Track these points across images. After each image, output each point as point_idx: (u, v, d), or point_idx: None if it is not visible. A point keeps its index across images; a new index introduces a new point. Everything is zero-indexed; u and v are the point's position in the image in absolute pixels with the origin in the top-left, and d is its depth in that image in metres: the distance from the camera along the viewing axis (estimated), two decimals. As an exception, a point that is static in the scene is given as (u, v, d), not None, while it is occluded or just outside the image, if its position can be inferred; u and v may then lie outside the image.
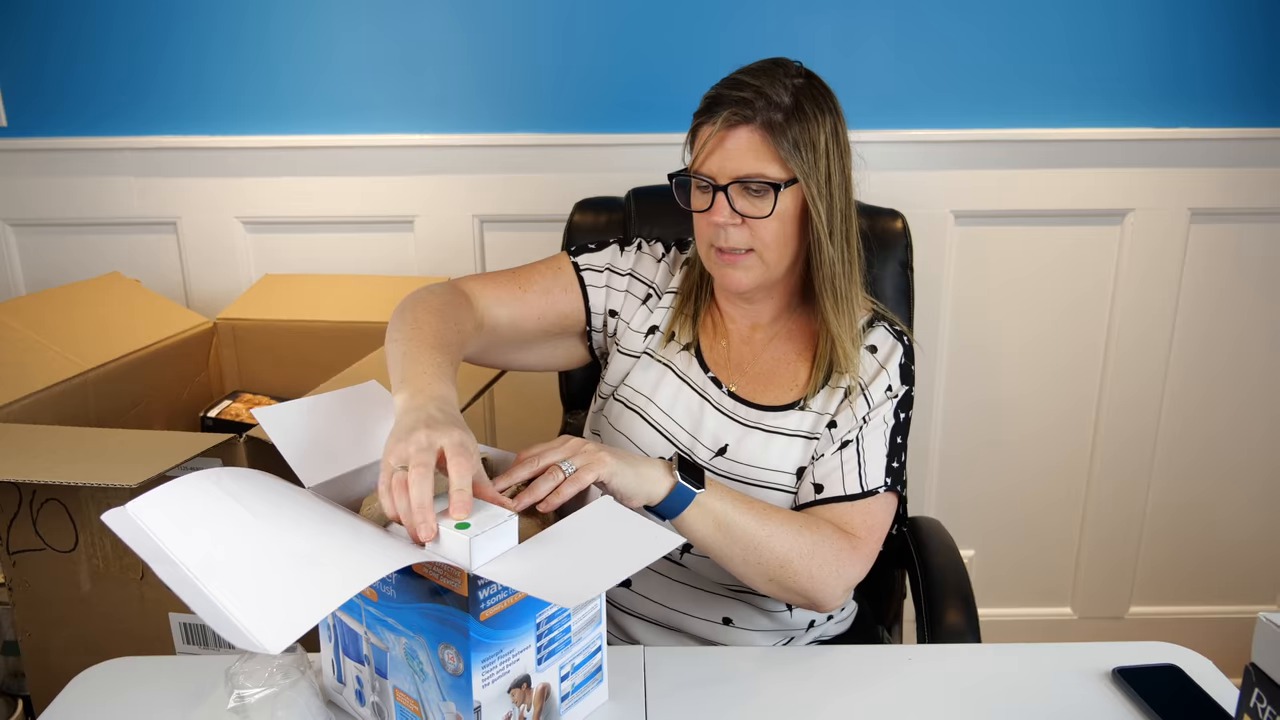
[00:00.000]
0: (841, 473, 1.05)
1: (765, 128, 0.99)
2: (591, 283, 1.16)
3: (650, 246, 1.19)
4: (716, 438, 1.10)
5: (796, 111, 0.99)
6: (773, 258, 1.04)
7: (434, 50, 1.69)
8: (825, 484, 1.05)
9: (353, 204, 1.77)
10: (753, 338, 1.14)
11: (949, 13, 1.64)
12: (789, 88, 1.00)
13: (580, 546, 0.77)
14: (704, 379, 1.13)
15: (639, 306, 1.16)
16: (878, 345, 1.11)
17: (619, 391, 1.16)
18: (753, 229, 1.01)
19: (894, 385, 1.08)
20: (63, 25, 1.69)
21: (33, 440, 1.09)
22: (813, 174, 1.00)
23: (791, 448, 1.08)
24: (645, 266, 1.18)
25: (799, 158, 0.99)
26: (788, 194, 1.00)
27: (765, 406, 1.10)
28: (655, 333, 1.15)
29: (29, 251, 1.83)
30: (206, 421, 1.51)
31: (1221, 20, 1.64)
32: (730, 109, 0.99)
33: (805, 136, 0.99)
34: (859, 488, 1.04)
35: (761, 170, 0.99)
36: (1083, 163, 1.70)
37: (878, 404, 1.07)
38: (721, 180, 1.00)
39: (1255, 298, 1.79)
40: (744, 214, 1.01)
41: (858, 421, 1.07)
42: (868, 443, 1.06)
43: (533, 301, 1.13)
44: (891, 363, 1.09)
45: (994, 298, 1.80)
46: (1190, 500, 1.92)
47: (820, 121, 1.00)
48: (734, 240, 1.02)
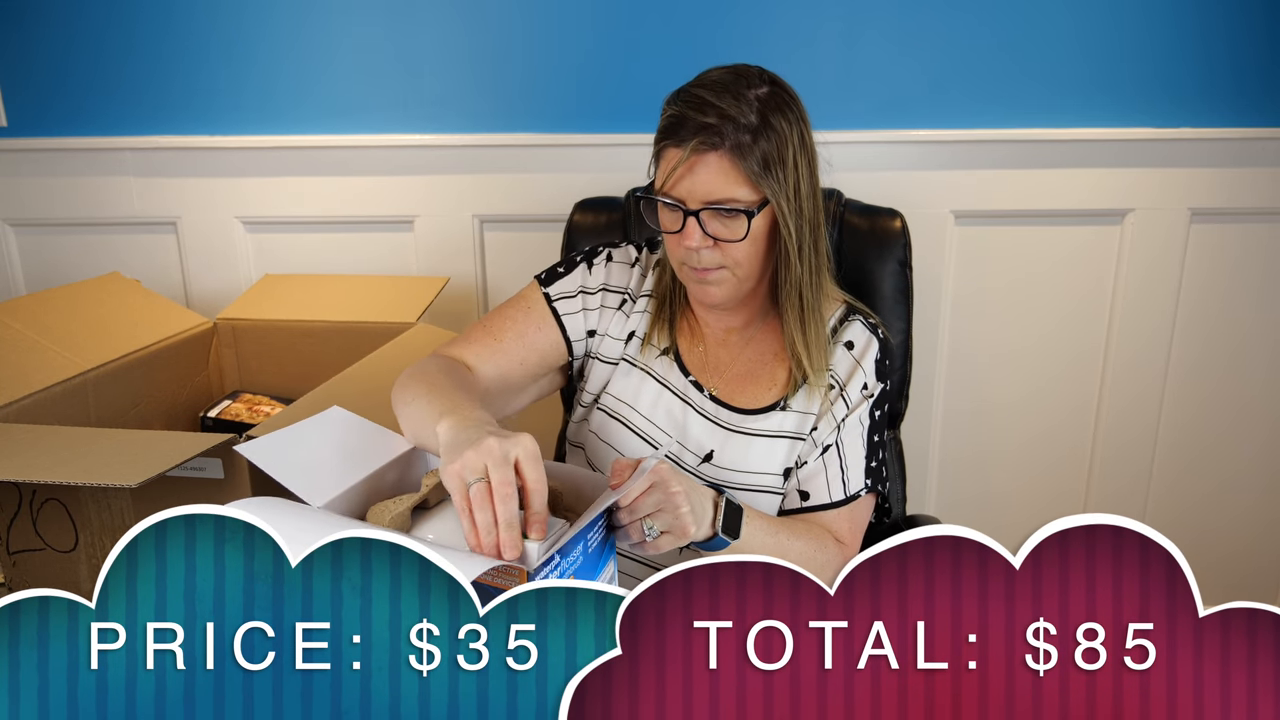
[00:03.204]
0: (826, 479, 1.06)
1: (734, 151, 0.96)
2: (566, 310, 1.13)
3: (621, 251, 1.18)
4: (701, 444, 1.10)
5: (764, 129, 0.97)
6: (744, 273, 1.03)
7: (434, 50, 1.69)
8: (811, 491, 1.07)
9: (353, 204, 1.77)
10: (729, 340, 1.14)
11: (951, 13, 1.64)
12: (753, 103, 0.97)
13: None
14: (684, 383, 1.12)
15: (615, 314, 1.15)
16: (854, 341, 1.10)
17: (601, 400, 1.15)
18: (724, 250, 1.00)
19: (870, 383, 1.09)
20: (63, 26, 1.69)
21: (33, 440, 1.09)
22: (782, 190, 0.98)
23: (775, 449, 1.08)
24: (616, 275, 1.16)
25: (769, 177, 0.97)
26: (760, 215, 0.99)
27: (746, 410, 1.10)
28: (633, 339, 1.14)
29: (29, 251, 1.83)
30: (206, 421, 1.51)
31: (1222, 20, 1.63)
32: (698, 137, 0.96)
33: (774, 153, 0.97)
34: (843, 494, 1.06)
35: (732, 195, 0.97)
36: (1083, 163, 1.70)
37: (855, 404, 1.08)
38: (692, 205, 0.99)
39: (1255, 298, 1.79)
40: (716, 236, 0.99)
41: (836, 424, 1.07)
42: (848, 447, 1.07)
43: (510, 349, 1.11)
44: (867, 359, 1.09)
45: (994, 298, 1.80)
46: (1190, 500, 1.92)
47: (788, 135, 0.98)
48: (706, 261, 1.01)
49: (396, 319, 1.49)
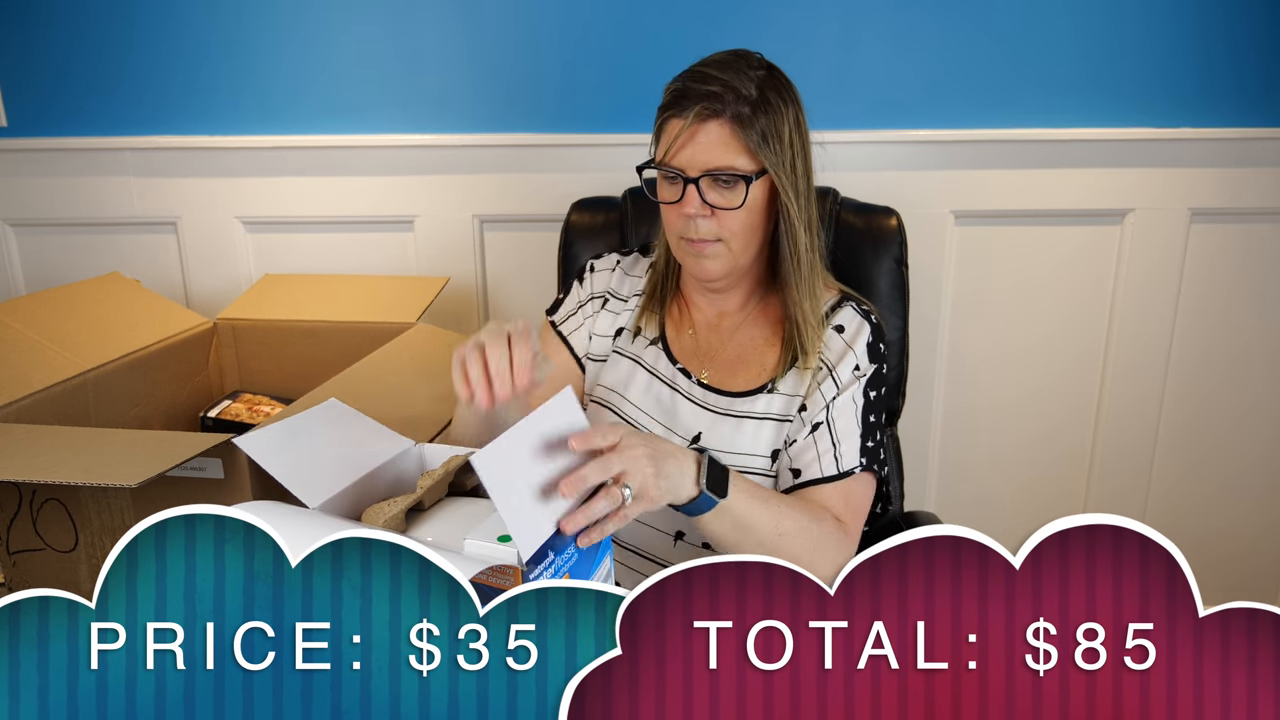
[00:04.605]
0: (817, 454, 1.07)
1: (734, 120, 1.01)
2: (569, 330, 1.21)
3: (602, 260, 1.25)
4: (689, 428, 1.12)
5: (762, 103, 1.02)
6: (739, 245, 1.06)
7: (434, 50, 1.69)
8: (802, 468, 1.07)
9: (353, 204, 1.77)
10: (720, 325, 1.17)
11: (949, 13, 1.64)
12: (753, 79, 1.02)
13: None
14: (672, 371, 1.15)
15: (601, 314, 1.21)
16: (845, 325, 1.12)
17: (594, 393, 1.19)
18: (721, 220, 1.04)
19: (862, 365, 1.10)
20: (63, 26, 1.69)
21: (33, 440, 1.09)
22: (780, 164, 1.03)
23: (762, 431, 1.10)
24: (599, 281, 1.23)
25: (767, 149, 1.02)
26: (757, 185, 1.03)
27: (735, 393, 1.12)
28: (622, 333, 1.19)
29: (29, 251, 1.83)
30: (206, 421, 1.51)
31: (1222, 20, 1.63)
32: (701, 103, 1.01)
33: (772, 128, 1.02)
34: (835, 469, 1.06)
35: (732, 163, 1.02)
36: (1083, 163, 1.70)
37: (846, 384, 1.09)
38: (692, 173, 1.03)
39: (1256, 298, 1.79)
40: (714, 205, 1.03)
41: (826, 402, 1.08)
42: (839, 424, 1.08)
43: (543, 395, 1.14)
44: (859, 342, 1.11)
45: (994, 298, 1.80)
46: (1190, 500, 1.92)
47: (784, 113, 1.03)
48: (703, 231, 1.04)
49: (396, 319, 1.49)
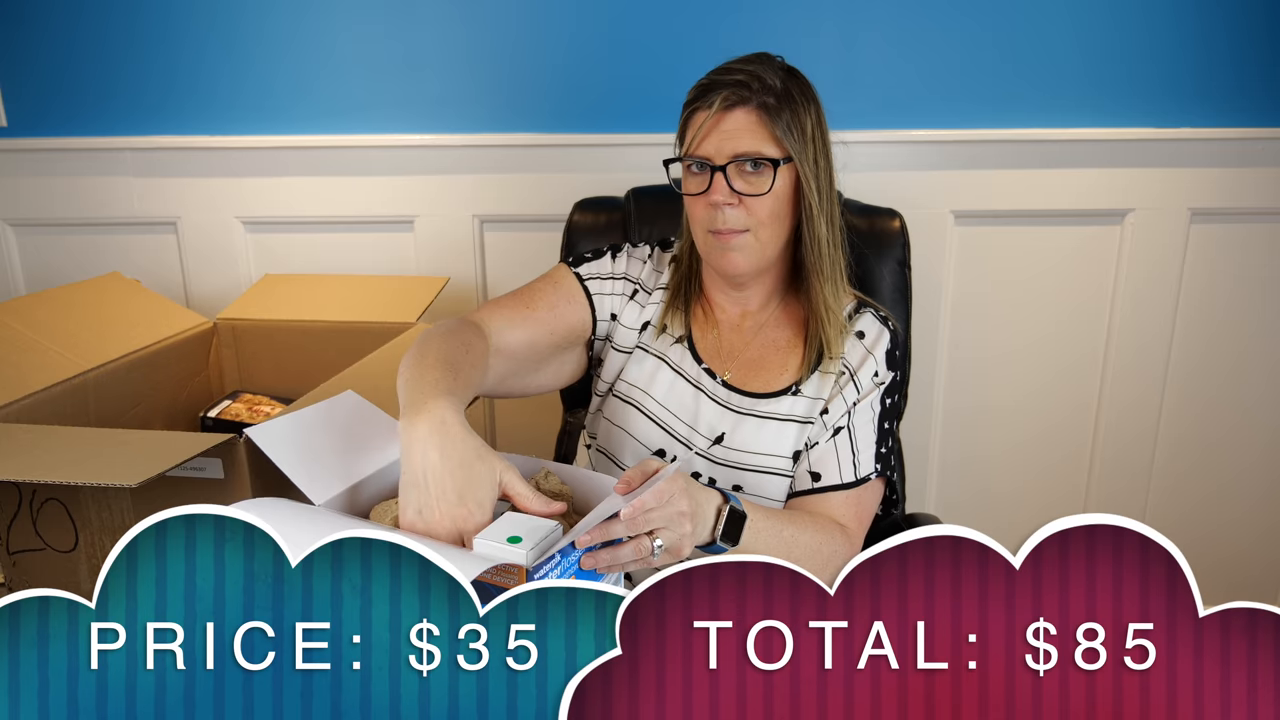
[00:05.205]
0: (837, 460, 1.09)
1: (761, 108, 1.03)
2: (597, 290, 1.18)
3: (635, 249, 1.22)
4: (713, 427, 1.13)
5: (786, 96, 1.04)
6: (767, 235, 1.06)
7: (434, 50, 1.69)
8: (822, 472, 1.09)
9: (353, 204, 1.77)
10: (742, 325, 1.17)
11: (950, 13, 1.64)
12: (778, 73, 1.05)
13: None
14: (697, 370, 1.15)
15: (629, 303, 1.19)
16: (865, 331, 1.14)
17: (616, 387, 1.18)
18: (749, 208, 1.04)
19: (880, 372, 1.12)
20: (63, 26, 1.69)
21: (33, 440, 1.09)
22: (804, 155, 1.05)
23: (785, 432, 1.11)
24: (633, 267, 1.21)
25: (792, 138, 1.04)
26: (784, 171, 1.04)
27: (758, 394, 1.13)
28: (648, 328, 1.18)
29: (29, 251, 1.83)
30: (206, 421, 1.51)
31: (1222, 20, 1.63)
32: (728, 90, 1.03)
33: (795, 120, 1.04)
34: (853, 475, 1.09)
35: (759, 148, 1.03)
36: (1083, 163, 1.70)
37: (866, 391, 1.11)
38: (719, 160, 1.04)
39: (1256, 298, 1.78)
40: (742, 193, 1.04)
41: (847, 408, 1.10)
42: (859, 430, 1.10)
43: (542, 318, 1.13)
44: (878, 349, 1.12)
45: (994, 298, 1.80)
46: (1191, 501, 1.92)
47: (807, 109, 1.06)
48: (731, 221, 1.05)
49: (396, 319, 1.49)
